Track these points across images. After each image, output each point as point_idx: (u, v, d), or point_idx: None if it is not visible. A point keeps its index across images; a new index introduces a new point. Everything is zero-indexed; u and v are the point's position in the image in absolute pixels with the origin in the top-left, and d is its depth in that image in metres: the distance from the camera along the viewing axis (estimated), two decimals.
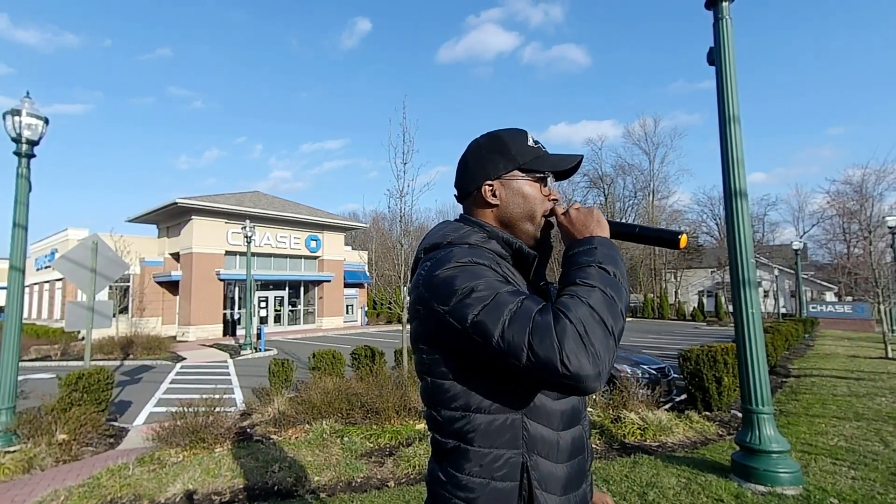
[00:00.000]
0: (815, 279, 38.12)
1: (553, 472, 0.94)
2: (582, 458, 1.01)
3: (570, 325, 0.78)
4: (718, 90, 4.30)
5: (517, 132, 1.09)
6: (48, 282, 25.92)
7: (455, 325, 0.87)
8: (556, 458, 0.95)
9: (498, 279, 0.89)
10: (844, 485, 3.79)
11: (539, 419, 0.94)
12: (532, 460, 0.92)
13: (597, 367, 0.77)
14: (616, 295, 0.85)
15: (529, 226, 1.06)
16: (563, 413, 0.98)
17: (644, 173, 49.45)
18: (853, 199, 29.93)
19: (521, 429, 0.93)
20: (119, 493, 3.82)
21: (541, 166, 1.06)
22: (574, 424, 1.00)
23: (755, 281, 4.16)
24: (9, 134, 5.56)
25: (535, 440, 0.93)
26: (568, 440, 0.98)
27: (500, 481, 0.91)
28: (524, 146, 1.07)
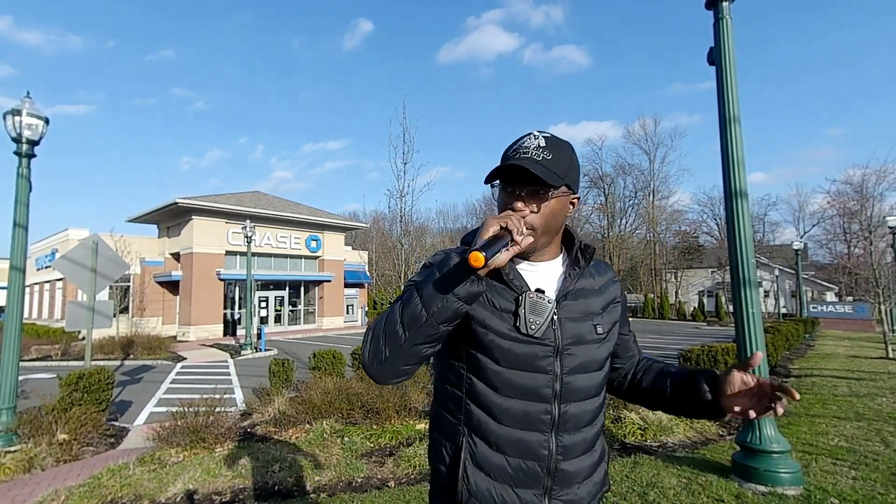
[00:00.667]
0: (815, 279, 38.10)
1: (487, 456, 1.04)
2: (533, 464, 1.04)
3: (370, 329, 0.98)
4: (718, 90, 4.30)
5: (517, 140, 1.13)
6: (49, 282, 25.93)
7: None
8: (494, 446, 1.04)
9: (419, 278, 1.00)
10: (845, 485, 3.79)
11: (479, 405, 1.06)
12: (469, 437, 1.06)
13: (372, 362, 0.95)
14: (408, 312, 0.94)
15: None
16: (509, 410, 1.04)
17: (644, 173, 49.47)
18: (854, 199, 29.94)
19: (463, 405, 1.08)
20: (119, 492, 3.82)
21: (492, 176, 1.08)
22: (526, 428, 1.04)
23: (755, 281, 4.16)
24: (9, 134, 5.56)
25: (473, 420, 1.06)
26: (512, 437, 1.04)
27: (449, 441, 1.09)
28: (505, 152, 1.11)
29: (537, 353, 1.04)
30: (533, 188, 1.04)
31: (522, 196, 1.05)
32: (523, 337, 1.03)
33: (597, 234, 53.73)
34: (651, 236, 48.57)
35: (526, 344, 1.03)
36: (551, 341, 1.04)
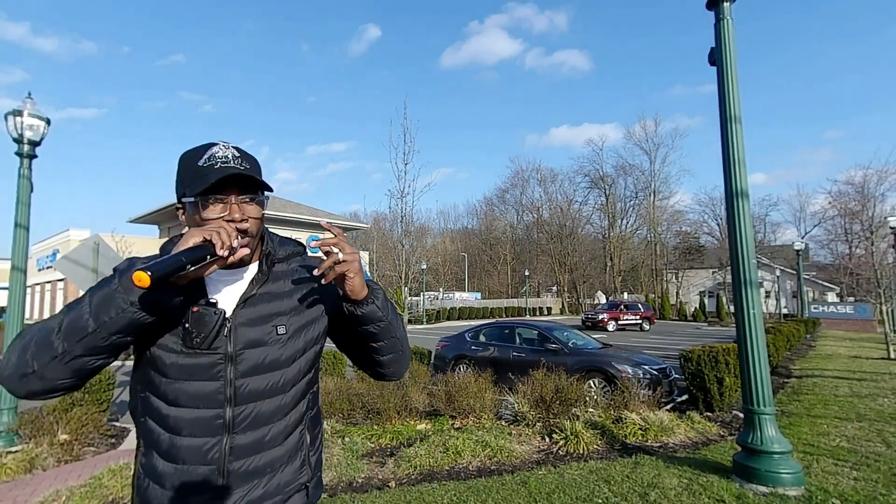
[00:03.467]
0: (816, 280, 38.05)
1: (158, 466, 1.05)
2: (204, 469, 1.04)
3: (16, 340, 0.94)
4: (720, 90, 4.30)
5: (195, 150, 1.08)
6: (50, 282, 25.97)
7: None
8: (166, 456, 1.05)
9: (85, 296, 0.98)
10: (846, 485, 3.78)
11: (152, 417, 1.07)
12: (144, 448, 1.08)
13: (1, 376, 0.93)
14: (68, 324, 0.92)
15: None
16: (180, 420, 1.04)
17: (645, 174, 49.46)
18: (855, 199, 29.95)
19: (140, 418, 1.09)
20: (121, 492, 3.83)
21: (191, 189, 1.02)
22: (200, 435, 1.04)
23: (757, 281, 4.15)
24: (10, 134, 5.57)
25: (147, 433, 1.07)
26: (183, 445, 1.04)
27: (136, 463, 1.10)
28: (192, 167, 1.05)
29: (203, 363, 1.04)
30: (251, 195, 1.06)
31: (235, 205, 1.04)
32: (188, 350, 1.03)
33: (598, 234, 53.74)
34: (652, 237, 48.53)
35: (191, 356, 1.03)
36: (222, 349, 1.05)
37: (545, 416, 5.56)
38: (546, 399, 5.63)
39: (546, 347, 8.18)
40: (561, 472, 4.16)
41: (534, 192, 56.27)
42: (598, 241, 52.97)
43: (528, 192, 56.82)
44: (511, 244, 56.59)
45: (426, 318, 28.63)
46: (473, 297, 45.63)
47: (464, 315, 35.90)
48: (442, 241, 61.29)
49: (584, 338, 9.01)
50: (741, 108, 4.22)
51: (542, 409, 5.61)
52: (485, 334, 9.49)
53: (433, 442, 4.73)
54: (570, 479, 3.98)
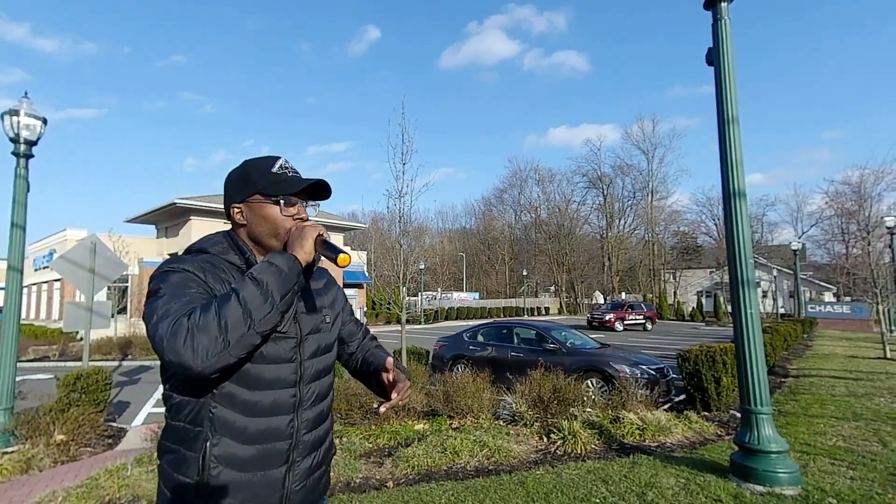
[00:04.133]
0: (813, 279, 38.17)
1: (235, 451, 1.11)
2: (277, 445, 1.16)
3: (187, 323, 0.96)
4: (717, 90, 4.31)
5: (264, 160, 1.25)
6: (46, 282, 25.86)
7: (143, 314, 1.07)
8: (242, 440, 1.12)
9: (188, 285, 1.08)
10: (843, 485, 3.79)
11: (227, 405, 1.11)
12: (214, 438, 1.10)
13: (192, 357, 0.94)
14: (253, 304, 1.01)
15: (274, 241, 1.22)
16: (259, 404, 1.14)
17: (643, 174, 49.62)
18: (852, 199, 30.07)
19: (207, 411, 1.11)
20: (117, 493, 3.81)
21: (275, 190, 1.20)
22: (273, 415, 1.16)
23: (754, 281, 4.16)
24: (7, 134, 5.54)
25: (220, 422, 1.10)
26: (261, 427, 1.14)
27: (188, 451, 1.11)
28: (265, 172, 1.21)
29: (283, 348, 1.18)
30: (315, 202, 1.29)
31: (303, 208, 1.26)
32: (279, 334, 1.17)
33: (596, 234, 53.82)
34: (650, 236, 48.66)
35: (274, 342, 1.16)
36: (294, 335, 1.21)
37: (543, 415, 5.56)
38: (544, 399, 5.64)
39: (544, 347, 8.19)
40: (559, 472, 4.16)
41: (532, 192, 56.40)
42: (595, 241, 53.06)
43: (526, 192, 56.93)
44: (509, 244, 56.64)
45: (424, 318, 28.61)
46: (471, 297, 45.64)
47: (462, 315, 35.90)
48: (440, 240, 61.25)
49: (581, 337, 9.02)
50: (739, 109, 4.23)
51: (540, 409, 5.62)
52: (483, 334, 9.50)
53: (431, 442, 4.73)
54: (567, 479, 3.98)
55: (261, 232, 1.22)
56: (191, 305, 1.01)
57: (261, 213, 1.21)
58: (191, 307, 1.00)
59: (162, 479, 1.15)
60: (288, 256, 1.10)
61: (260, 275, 1.05)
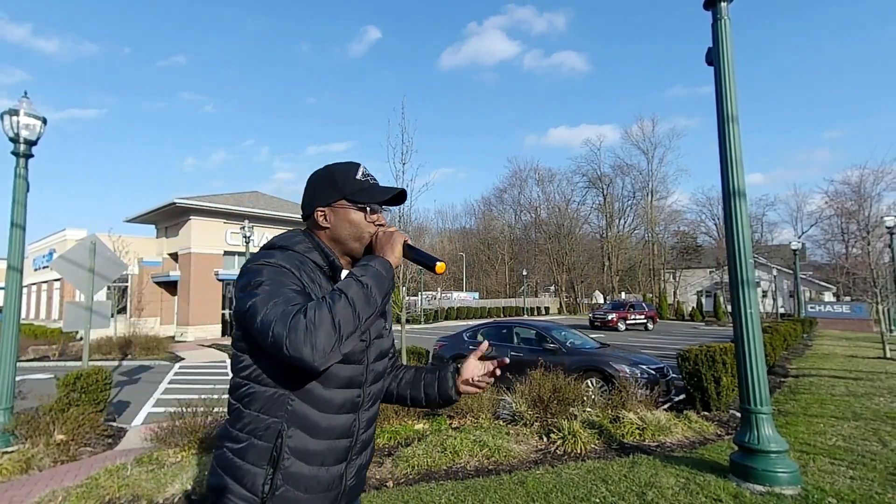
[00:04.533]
0: (813, 279, 38.18)
1: (308, 445, 1.14)
2: (347, 441, 1.22)
3: (304, 319, 0.98)
4: (717, 90, 4.31)
5: (348, 166, 1.29)
6: (46, 282, 25.85)
7: (241, 307, 1.08)
8: (316, 435, 1.15)
9: (289, 279, 1.11)
10: (842, 484, 3.80)
11: (306, 401, 1.15)
12: (290, 431, 1.13)
13: (312, 353, 0.98)
14: (360, 303, 1.05)
15: (356, 245, 1.27)
16: (333, 401, 1.18)
17: (643, 173, 49.61)
18: (851, 199, 30.07)
19: (285, 403, 1.13)
20: (117, 493, 3.81)
21: (363, 197, 1.26)
22: (345, 413, 1.20)
23: (754, 281, 4.17)
24: (6, 134, 5.54)
25: (297, 416, 1.14)
26: (334, 424, 1.18)
27: (260, 440, 1.12)
28: (351, 179, 1.26)
29: (357, 349, 1.22)
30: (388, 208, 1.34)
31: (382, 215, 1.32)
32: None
33: (595, 234, 53.81)
34: (649, 236, 48.65)
35: None
36: (365, 337, 1.24)
37: (543, 415, 5.56)
38: (544, 399, 5.64)
39: (544, 347, 8.19)
40: (558, 472, 4.16)
41: (532, 192, 56.38)
42: (595, 241, 53.06)
43: (526, 192, 56.91)
44: (509, 244, 56.62)
45: (424, 318, 28.57)
46: (471, 297, 45.63)
47: (462, 315, 35.89)
48: (440, 240, 61.26)
49: (581, 337, 9.03)
50: (738, 108, 4.23)
51: (540, 409, 5.62)
52: (483, 334, 9.50)
53: (431, 442, 4.73)
54: (567, 479, 3.98)
55: (344, 236, 1.26)
56: (298, 302, 1.04)
57: (346, 217, 1.25)
58: (299, 303, 1.03)
59: (221, 465, 1.16)
60: (383, 261, 1.16)
61: (362, 277, 1.10)
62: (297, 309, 1.01)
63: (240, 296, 1.11)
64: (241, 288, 1.12)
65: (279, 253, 1.18)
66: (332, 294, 1.06)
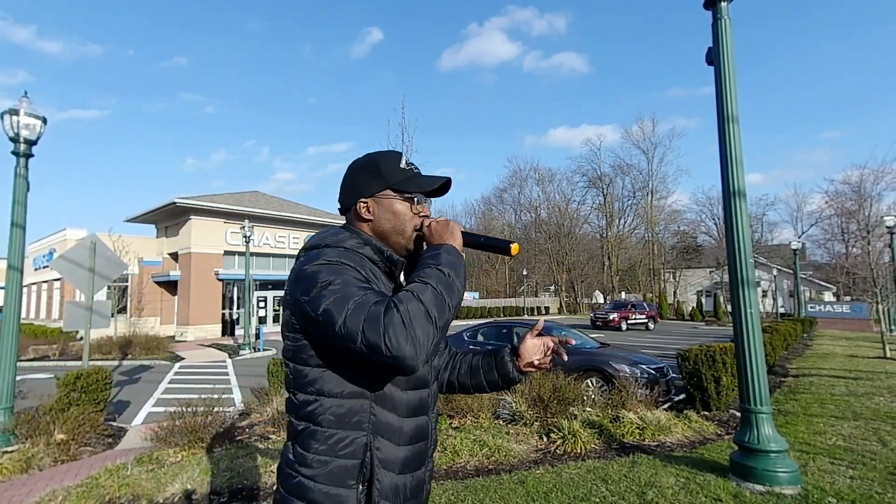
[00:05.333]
0: (813, 279, 38.18)
1: (394, 453, 1.08)
2: (424, 443, 1.16)
3: (397, 314, 0.91)
4: (717, 90, 4.31)
5: (391, 155, 1.21)
6: (46, 282, 25.86)
7: (311, 313, 0.98)
8: (398, 441, 1.09)
9: (357, 277, 1.02)
10: (842, 484, 3.80)
11: (385, 406, 1.08)
12: (376, 441, 1.06)
13: (414, 349, 0.90)
14: (446, 291, 0.99)
15: (401, 238, 1.19)
16: (410, 403, 1.12)
17: (643, 173, 49.58)
18: (851, 198, 30.04)
19: (368, 413, 1.06)
20: (117, 493, 3.82)
21: (409, 187, 1.18)
22: (420, 414, 1.15)
23: (754, 281, 4.17)
24: (6, 133, 5.54)
25: (380, 424, 1.07)
26: (412, 426, 1.12)
27: (343, 459, 1.03)
28: (395, 168, 1.19)
29: None
30: (429, 199, 1.26)
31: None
32: None
33: (595, 233, 53.80)
34: (649, 236, 48.64)
35: None
36: None
37: (543, 415, 5.57)
38: (544, 398, 5.64)
39: None
40: (559, 472, 4.16)
41: (532, 192, 56.38)
42: (595, 241, 53.04)
43: (526, 192, 56.90)
44: None
45: None
46: (471, 297, 45.61)
47: (462, 314, 35.87)
48: None
49: (581, 337, 9.03)
50: (738, 108, 4.23)
51: (540, 409, 5.62)
52: (483, 334, 9.50)
53: None
54: (567, 479, 3.98)
55: (387, 229, 1.18)
56: (378, 298, 0.96)
57: (391, 208, 1.18)
58: (382, 299, 0.95)
59: (296, 494, 1.04)
60: (449, 247, 1.09)
61: (439, 265, 1.03)
62: (384, 305, 0.93)
63: (303, 301, 1.00)
64: (302, 292, 1.01)
65: (331, 251, 1.08)
66: (413, 285, 0.99)
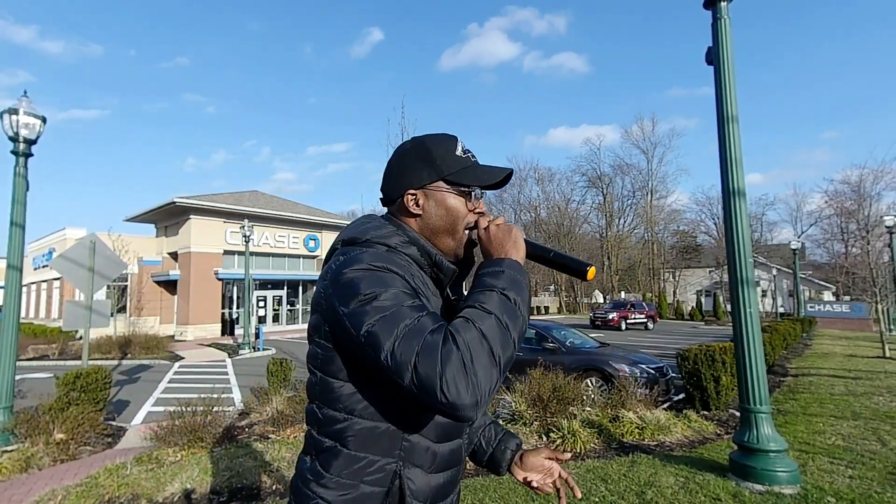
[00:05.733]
0: (813, 279, 38.20)
1: (427, 481, 0.96)
2: (457, 469, 1.04)
3: (457, 352, 0.76)
4: (717, 89, 4.30)
5: (445, 139, 1.04)
6: (46, 281, 25.85)
7: (351, 329, 0.84)
8: (430, 468, 0.97)
9: (406, 290, 0.87)
10: (842, 484, 3.80)
11: (419, 431, 0.95)
12: (406, 469, 0.93)
13: (474, 396, 0.75)
14: (511, 323, 0.83)
15: (450, 240, 1.03)
16: (445, 427, 0.98)
17: (642, 173, 49.55)
18: (851, 198, 30.05)
19: (400, 439, 0.94)
20: (117, 492, 3.82)
21: (466, 179, 1.01)
22: (454, 438, 1.02)
23: (753, 280, 4.17)
24: (6, 133, 5.54)
25: (412, 450, 0.94)
26: (446, 452, 0.99)
27: (369, 485, 0.92)
28: (451, 156, 1.01)
29: None
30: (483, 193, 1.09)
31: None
32: None
33: (595, 233, 53.80)
34: (649, 236, 48.63)
35: None
36: None
37: (542, 414, 5.57)
38: (543, 398, 5.64)
39: (543, 346, 8.19)
40: None
41: (531, 192, 56.30)
42: (595, 241, 53.03)
43: (525, 192, 56.80)
44: None
45: None
46: None
47: None
48: None
49: (581, 337, 9.03)
50: (738, 108, 4.23)
51: (540, 408, 5.62)
52: None
53: None
54: None
55: (437, 226, 1.01)
56: (433, 326, 0.81)
57: (444, 203, 1.01)
58: (436, 327, 0.80)
59: None
60: (512, 262, 0.92)
61: (503, 288, 0.87)
62: (440, 336, 0.78)
63: (341, 312, 0.86)
64: (341, 302, 0.86)
65: (374, 251, 0.93)
66: (472, 311, 0.83)
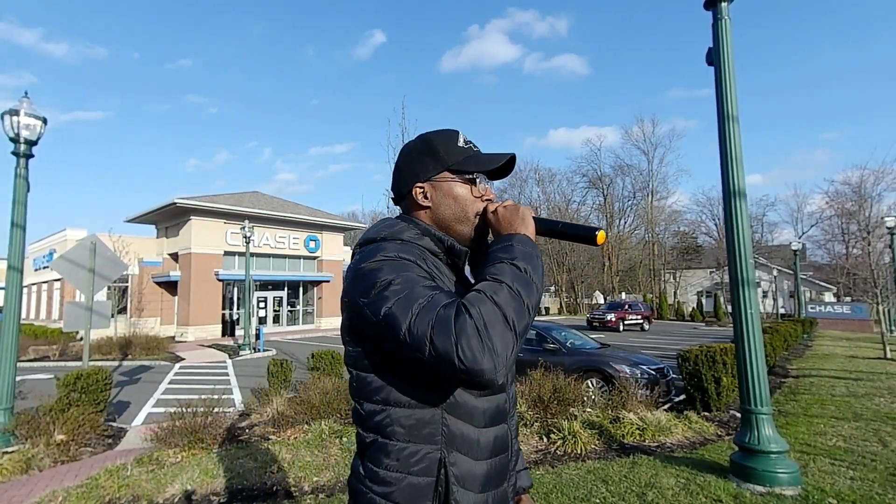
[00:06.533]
0: (813, 280, 38.15)
1: (472, 468, 0.95)
2: (504, 456, 1.03)
3: (470, 320, 0.78)
4: (717, 90, 4.31)
5: (447, 133, 1.10)
6: (46, 282, 25.87)
7: (371, 317, 0.87)
8: (476, 455, 0.96)
9: (420, 274, 0.90)
10: (843, 485, 3.79)
11: (460, 416, 0.95)
12: (451, 456, 0.93)
13: (492, 361, 0.77)
14: (524, 291, 0.86)
15: (463, 227, 1.07)
16: (486, 411, 0.99)
17: (643, 174, 49.52)
18: (852, 199, 30.06)
19: (440, 424, 0.94)
20: (117, 493, 3.81)
21: (470, 167, 1.07)
22: (498, 423, 1.02)
23: (754, 281, 4.16)
24: (7, 134, 5.54)
25: (454, 436, 0.94)
26: (490, 438, 0.99)
27: (416, 476, 0.92)
28: (454, 147, 1.07)
29: None
30: (491, 181, 1.15)
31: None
32: None
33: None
34: (650, 237, 48.60)
35: None
36: None
37: (543, 415, 5.56)
38: (544, 399, 5.64)
39: (544, 347, 8.18)
40: (559, 472, 4.16)
41: (532, 192, 56.20)
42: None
43: (526, 192, 56.73)
44: None
45: None
46: None
47: None
48: None
49: (581, 337, 9.02)
50: (738, 108, 4.23)
51: (540, 409, 5.61)
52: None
53: None
54: (567, 479, 3.98)
55: (447, 215, 1.06)
56: (447, 300, 0.83)
57: (451, 193, 1.06)
58: (449, 301, 0.83)
59: None
60: (522, 236, 0.96)
61: (513, 259, 0.90)
62: (455, 308, 0.81)
63: (362, 303, 0.90)
64: (361, 294, 0.90)
65: (389, 244, 0.97)
66: (485, 284, 0.86)
